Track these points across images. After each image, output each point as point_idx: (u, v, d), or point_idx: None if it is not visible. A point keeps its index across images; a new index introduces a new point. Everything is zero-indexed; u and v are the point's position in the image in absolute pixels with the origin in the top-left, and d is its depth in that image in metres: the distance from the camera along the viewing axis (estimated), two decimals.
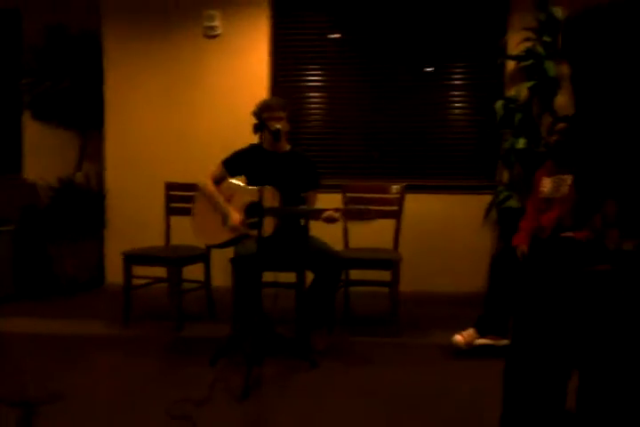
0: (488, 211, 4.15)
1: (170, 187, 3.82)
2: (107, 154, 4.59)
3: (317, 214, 2.91)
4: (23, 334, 3.28)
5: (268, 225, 2.89)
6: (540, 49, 3.92)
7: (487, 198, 4.14)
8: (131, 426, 2.16)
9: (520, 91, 4.00)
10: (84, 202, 4.45)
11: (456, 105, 4.42)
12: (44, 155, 4.88)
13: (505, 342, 2.87)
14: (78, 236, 4.43)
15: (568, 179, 2.92)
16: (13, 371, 2.64)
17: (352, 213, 2.85)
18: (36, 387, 2.46)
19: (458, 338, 2.96)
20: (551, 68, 3.86)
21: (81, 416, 2.24)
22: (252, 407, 2.32)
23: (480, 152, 4.36)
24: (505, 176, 4.16)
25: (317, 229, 3.26)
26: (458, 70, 4.39)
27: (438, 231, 4.29)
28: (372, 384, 2.59)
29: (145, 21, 4.50)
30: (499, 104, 4.03)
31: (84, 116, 4.67)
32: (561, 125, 3.03)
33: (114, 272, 4.31)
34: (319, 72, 4.51)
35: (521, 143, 3.90)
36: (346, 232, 3.69)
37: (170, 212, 3.79)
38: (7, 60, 5.09)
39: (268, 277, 3.10)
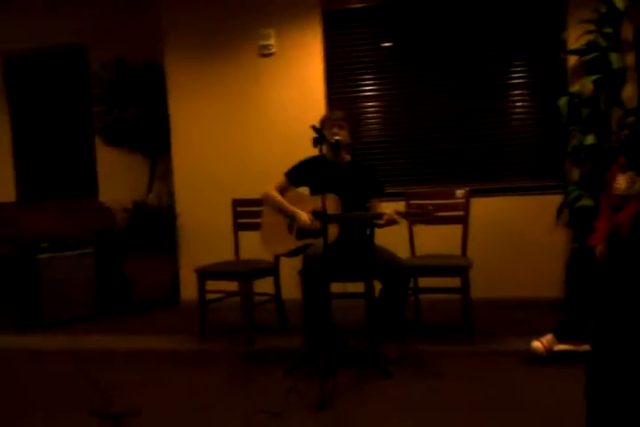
0: (560, 211, 4.01)
1: (237, 203, 3.92)
2: (175, 175, 4.77)
3: (378, 219, 2.91)
4: (105, 351, 3.44)
5: (332, 233, 2.92)
6: (602, 41, 3.78)
7: (558, 199, 4.00)
8: None
9: (584, 85, 3.86)
10: (157, 222, 4.65)
11: (518, 104, 4.31)
12: (116, 179, 5.15)
13: (586, 347, 2.75)
14: (153, 255, 4.62)
15: None
16: (98, 386, 2.76)
17: (412, 214, 2.84)
18: (119, 401, 2.56)
19: (537, 344, 2.85)
20: (615, 59, 3.71)
21: None
22: (329, 418, 2.33)
23: (547, 151, 4.23)
24: (575, 175, 4.01)
25: (383, 238, 3.25)
26: (518, 69, 4.29)
27: (508, 235, 4.18)
28: (447, 394, 2.54)
29: (202, 46, 4.68)
30: (563, 100, 3.91)
31: (152, 141, 4.91)
32: (632, 119, 2.90)
33: (188, 289, 4.46)
34: (374, 81, 4.52)
35: (590, 139, 3.76)
36: (412, 239, 3.66)
37: (238, 227, 3.89)
38: (77, 90, 5.41)
39: (336, 288, 3.12)
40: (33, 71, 5.61)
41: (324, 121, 3.21)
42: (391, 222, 2.86)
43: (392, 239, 3.29)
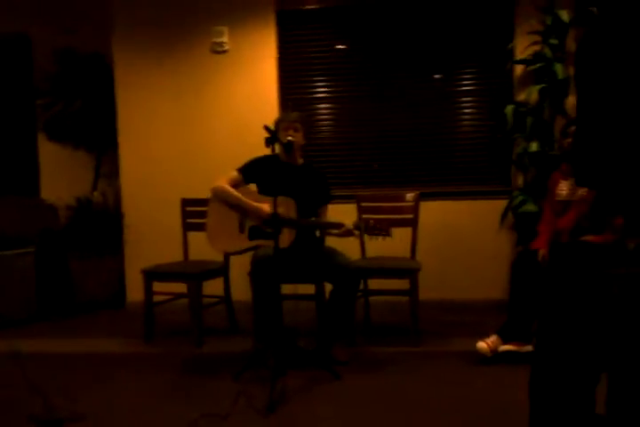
0: (504, 216, 4.13)
1: (185, 203, 3.85)
2: (122, 172, 4.64)
3: (336, 228, 2.95)
4: (47, 354, 3.31)
5: (287, 237, 2.91)
6: (547, 52, 3.92)
7: (503, 204, 4.12)
8: None
9: (530, 94, 3.99)
10: (101, 221, 4.50)
11: (466, 111, 4.42)
12: (60, 176, 4.96)
13: (529, 347, 2.85)
14: (98, 255, 4.48)
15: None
16: (38, 391, 2.66)
17: (371, 229, 2.90)
18: (61, 406, 2.48)
19: (482, 345, 2.93)
20: (560, 70, 3.85)
21: None
22: (278, 421, 2.32)
23: (493, 157, 4.35)
24: (520, 180, 4.14)
25: (333, 240, 3.27)
26: (466, 77, 4.40)
27: (455, 238, 4.28)
28: (396, 394, 2.58)
29: (153, 40, 4.56)
30: (509, 109, 4.03)
31: (98, 137, 4.75)
32: (574, 128, 3.02)
33: (134, 290, 4.34)
34: (327, 83, 4.53)
35: (534, 147, 3.90)
36: (362, 242, 3.69)
37: (187, 227, 3.82)
38: (19, 82, 5.19)
39: (286, 289, 3.11)
40: None
41: (279, 122, 3.20)
42: (347, 234, 2.92)
43: (342, 241, 3.31)
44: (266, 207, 2.98)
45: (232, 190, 3.14)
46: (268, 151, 2.84)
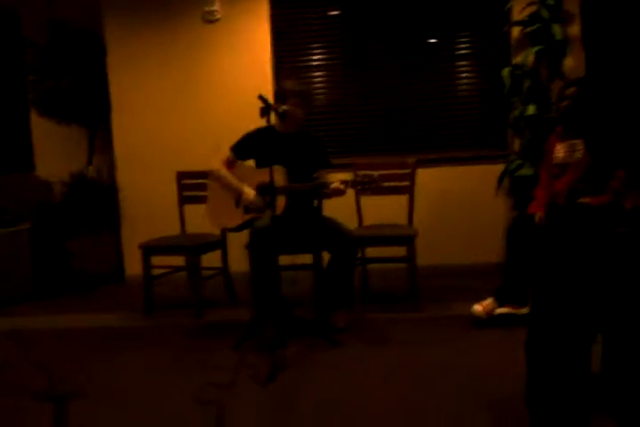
0: (501, 180, 4.10)
1: (181, 176, 3.83)
2: (116, 147, 4.60)
3: (323, 188, 2.91)
4: (46, 331, 3.33)
5: (279, 205, 2.89)
6: (544, 13, 3.83)
7: (500, 168, 4.09)
8: (160, 413, 2.19)
9: (527, 57, 3.92)
10: (97, 196, 4.48)
11: (463, 75, 4.35)
12: (53, 152, 4.91)
13: (525, 310, 2.86)
14: (95, 230, 4.47)
15: (581, 143, 2.87)
16: (40, 367, 2.68)
17: (358, 183, 2.85)
18: (63, 381, 2.50)
19: (477, 308, 2.96)
20: (557, 31, 3.77)
21: (111, 406, 2.27)
22: (278, 390, 2.34)
23: (489, 122, 4.30)
24: (516, 145, 4.10)
25: (331, 209, 3.26)
26: (463, 40, 4.32)
27: (452, 204, 4.27)
28: (394, 360, 2.60)
29: (144, 12, 4.46)
30: (505, 71, 3.96)
31: (91, 111, 4.68)
32: (571, 90, 2.97)
33: (133, 264, 4.35)
34: (321, 50, 4.46)
35: (531, 110, 3.84)
36: (359, 210, 3.67)
37: (183, 200, 3.80)
38: (9, 58, 5.10)
39: (284, 260, 3.11)
40: None
41: (282, 93, 3.11)
42: (337, 192, 2.87)
43: (339, 210, 3.30)
44: (249, 193, 3.02)
45: (223, 171, 3.17)
46: (263, 121, 2.79)
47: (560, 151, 3.02)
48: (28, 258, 4.13)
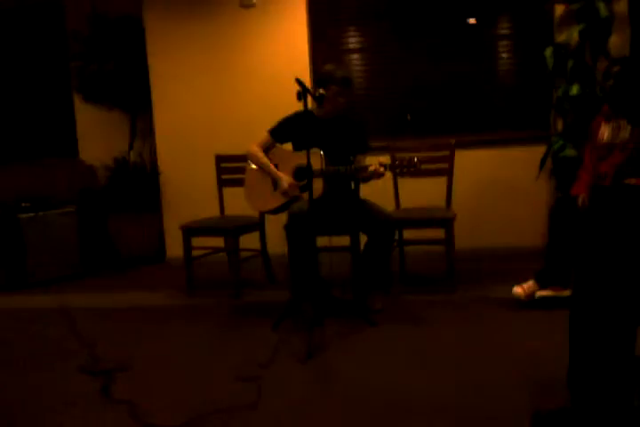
0: (543, 162, 4.01)
1: (220, 159, 3.87)
2: (157, 131, 4.69)
3: (361, 172, 2.90)
4: (92, 309, 3.44)
5: (316, 188, 2.90)
6: None
7: (542, 150, 4.00)
8: (200, 390, 2.24)
9: (571, 35, 3.79)
10: (139, 180, 4.58)
11: (504, 55, 4.26)
12: (96, 136, 5.03)
13: (567, 292, 2.81)
14: (137, 213, 4.58)
15: (627, 123, 2.79)
16: (87, 343, 2.78)
17: (397, 166, 2.82)
18: (109, 357, 2.59)
19: (518, 290, 2.93)
20: (602, 8, 3.63)
21: (153, 382, 2.34)
22: (317, 367, 2.37)
23: (531, 102, 4.20)
24: (559, 125, 4.00)
25: (368, 192, 3.25)
26: (504, 19, 4.21)
27: (492, 186, 4.20)
28: (431, 339, 2.61)
29: None
30: (549, 51, 3.84)
31: (132, 96, 4.77)
32: (617, 68, 2.87)
33: (174, 246, 4.45)
34: (359, 32, 4.42)
35: (574, 90, 3.72)
36: (397, 193, 3.66)
37: (222, 183, 3.85)
38: (54, 46, 5.22)
39: (322, 242, 3.12)
40: (8, 27, 5.38)
41: (324, 78, 3.07)
42: (376, 175, 2.84)
43: (377, 193, 3.29)
44: (285, 180, 3.03)
45: (260, 155, 3.19)
46: (300, 105, 2.79)
47: (605, 132, 2.93)
48: (75, 239, 4.27)
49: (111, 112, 4.91)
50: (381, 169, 2.81)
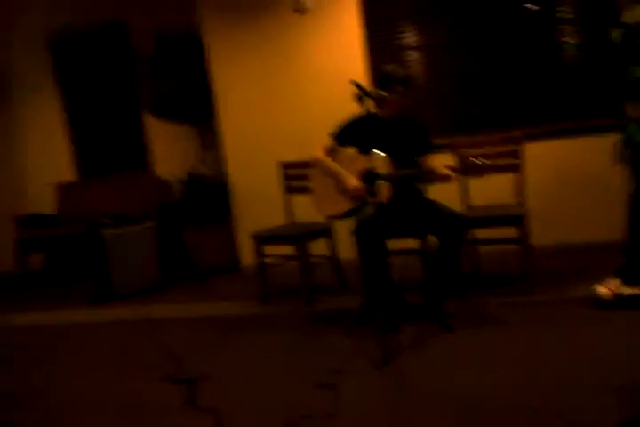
0: (618, 150, 3.81)
1: (285, 166, 3.93)
2: (223, 142, 4.82)
3: (430, 175, 2.86)
4: (173, 319, 3.60)
5: (384, 191, 2.88)
6: None
7: (615, 138, 3.80)
8: (279, 396, 2.29)
9: (638, 14, 3.58)
10: (210, 191, 4.74)
11: (567, 40, 4.07)
12: (166, 151, 5.25)
13: None
14: (211, 224, 4.75)
15: None
16: (170, 353, 2.90)
17: (465, 168, 2.76)
18: (191, 367, 2.69)
19: (602, 290, 2.78)
20: None
21: (235, 391, 2.41)
22: (393, 373, 2.36)
23: (601, 88, 4.00)
24: (631, 110, 3.79)
25: (435, 191, 3.20)
26: (565, 2, 4.03)
27: (566, 179, 4.04)
28: (510, 344, 2.54)
29: (237, 9, 4.63)
30: (616, 33, 3.65)
31: (198, 111, 4.94)
32: None
33: (247, 254, 4.54)
34: (414, 29, 4.37)
35: None
36: (465, 191, 3.58)
37: (289, 190, 3.90)
38: (121, 66, 5.49)
39: (392, 245, 3.11)
40: (79, 50, 5.70)
41: (385, 78, 3.04)
42: (444, 178, 2.79)
43: (444, 192, 3.24)
44: (352, 181, 2.98)
45: (324, 158, 3.18)
46: (359, 108, 2.78)
47: None
48: (154, 253, 4.46)
49: (179, 126, 5.10)
50: (447, 171, 2.76)
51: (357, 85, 2.68)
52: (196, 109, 4.95)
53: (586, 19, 4.01)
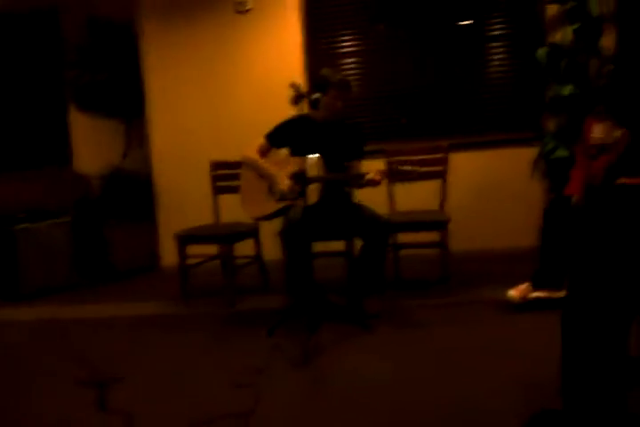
0: (536, 163, 4.01)
1: (215, 166, 3.86)
2: (152, 139, 4.69)
3: (359, 180, 2.89)
4: (86, 319, 3.43)
5: (313, 194, 2.89)
6: None
7: (534, 151, 3.99)
8: (196, 396, 2.23)
9: (565, 35, 3.79)
10: (133, 188, 4.58)
11: (495, 57, 4.27)
12: (90, 145, 5.03)
13: (561, 294, 2.80)
14: (132, 222, 4.57)
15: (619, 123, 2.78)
16: (81, 355, 2.76)
17: (394, 174, 2.82)
18: (104, 368, 2.57)
19: (512, 293, 2.91)
20: (595, 6, 3.64)
21: (149, 392, 2.32)
22: (313, 372, 2.36)
23: (523, 103, 4.21)
24: (551, 126, 4.00)
25: (362, 196, 3.24)
26: (496, 20, 4.22)
27: (486, 188, 4.20)
28: (427, 343, 2.60)
29: (176, 4, 4.54)
30: (542, 52, 3.85)
31: (127, 105, 4.77)
32: (609, 67, 2.88)
33: (169, 254, 4.43)
34: (352, 37, 4.44)
35: (567, 90, 3.72)
36: (391, 196, 3.65)
37: (217, 191, 3.84)
38: (49, 55, 5.23)
39: (317, 247, 3.11)
40: (2, 35, 5.38)
41: (321, 82, 3.05)
42: (373, 183, 2.84)
43: (370, 197, 3.28)
44: (283, 180, 2.97)
45: (256, 158, 3.15)
46: (294, 110, 2.78)
47: (597, 131, 2.93)
48: (68, 249, 4.25)
49: (105, 121, 4.90)
50: (378, 177, 2.82)
51: (295, 88, 2.68)
52: (126, 104, 4.78)
53: (514, 36, 4.20)
